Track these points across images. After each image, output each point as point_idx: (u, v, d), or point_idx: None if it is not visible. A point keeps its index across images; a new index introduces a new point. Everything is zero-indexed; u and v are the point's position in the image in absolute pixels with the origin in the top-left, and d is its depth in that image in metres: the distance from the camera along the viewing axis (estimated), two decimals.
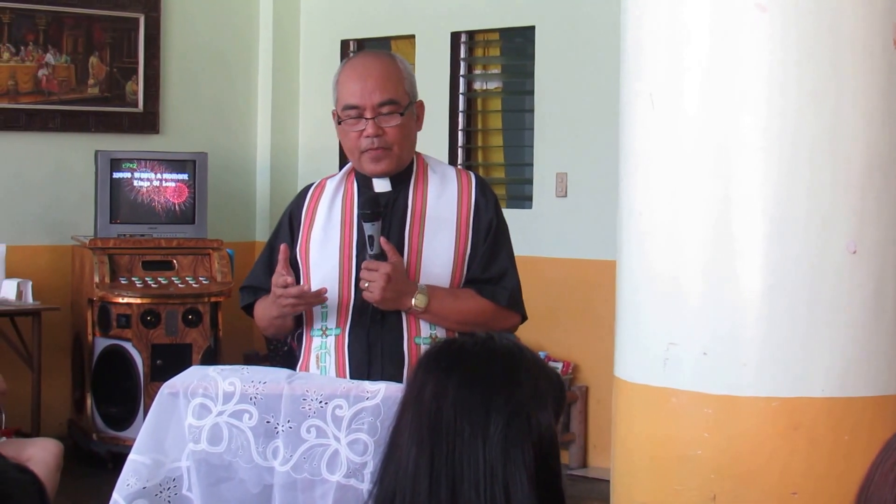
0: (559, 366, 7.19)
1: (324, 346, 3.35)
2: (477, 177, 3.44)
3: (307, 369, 3.38)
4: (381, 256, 3.25)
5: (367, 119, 3.31)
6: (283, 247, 3.33)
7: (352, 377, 3.23)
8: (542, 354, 7.18)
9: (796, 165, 3.10)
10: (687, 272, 3.19)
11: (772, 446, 3.10)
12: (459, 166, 3.61)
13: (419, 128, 3.44)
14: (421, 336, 3.30)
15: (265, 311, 3.44)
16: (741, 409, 3.12)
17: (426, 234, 3.34)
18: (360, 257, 3.32)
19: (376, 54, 3.48)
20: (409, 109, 3.34)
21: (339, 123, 3.37)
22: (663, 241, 3.24)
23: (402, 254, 3.30)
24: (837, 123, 3.11)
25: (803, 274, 3.10)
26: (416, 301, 3.25)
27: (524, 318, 3.44)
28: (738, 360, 3.12)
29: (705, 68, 3.17)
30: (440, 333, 3.29)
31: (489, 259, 3.35)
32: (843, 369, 3.11)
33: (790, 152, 3.10)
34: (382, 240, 3.25)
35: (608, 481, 3.52)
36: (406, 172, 3.39)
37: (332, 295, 3.33)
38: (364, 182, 3.41)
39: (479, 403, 2.03)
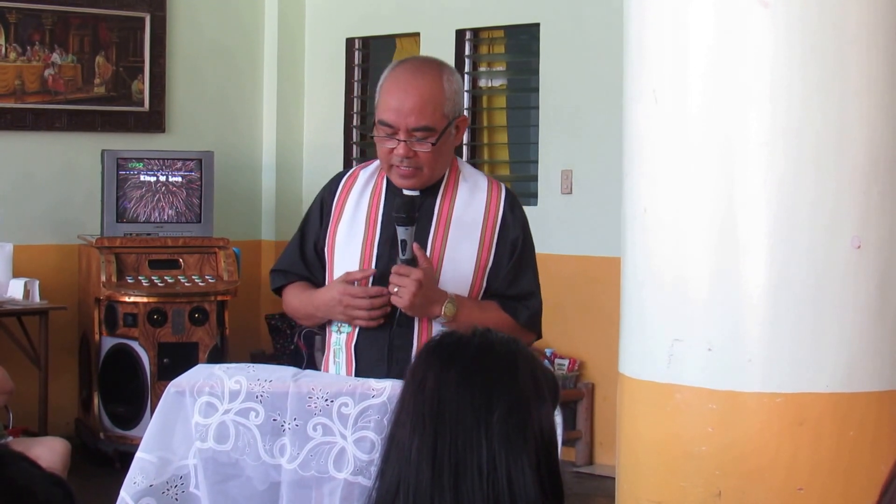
0: (565, 363, 7.19)
1: (338, 343, 3.37)
2: (508, 191, 3.41)
3: (327, 364, 3.41)
4: (413, 262, 3.23)
5: (399, 140, 3.26)
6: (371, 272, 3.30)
7: (358, 377, 3.24)
8: (548, 352, 7.19)
9: (801, 161, 3.11)
10: (691, 268, 3.20)
11: (777, 442, 3.10)
12: (492, 176, 3.55)
13: (458, 140, 3.39)
14: None
15: (302, 300, 3.44)
16: (746, 405, 3.12)
17: (449, 242, 3.33)
18: (381, 259, 3.32)
19: (423, 69, 3.33)
20: (444, 133, 3.28)
21: (373, 132, 3.33)
22: (668, 237, 3.25)
23: None
24: (842, 119, 3.11)
25: (808, 269, 3.10)
26: (446, 310, 3.24)
27: (539, 336, 3.45)
28: (742, 355, 3.12)
29: (709, 64, 3.17)
30: None
31: (515, 276, 3.35)
32: (848, 364, 3.11)
33: (794, 148, 3.11)
34: (415, 246, 3.23)
35: (615, 478, 3.52)
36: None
37: None
38: (393, 183, 3.40)
39: (481, 392, 2.04)
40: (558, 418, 2.39)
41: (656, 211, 3.27)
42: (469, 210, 3.35)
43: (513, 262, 3.35)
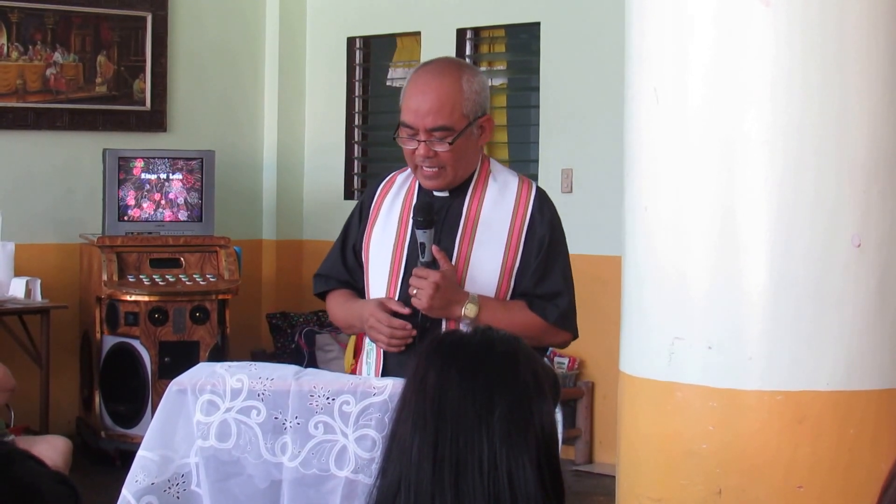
0: (565, 361, 7.19)
1: (370, 345, 3.43)
2: (538, 190, 3.43)
3: (360, 363, 3.46)
4: (433, 264, 3.26)
5: (419, 141, 3.30)
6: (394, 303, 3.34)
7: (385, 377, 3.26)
8: (547, 350, 7.19)
9: (801, 160, 3.11)
10: (692, 267, 3.20)
11: (777, 440, 3.11)
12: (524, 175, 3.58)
13: (485, 140, 3.41)
14: None
15: (345, 310, 3.49)
16: (746, 404, 3.13)
17: (476, 243, 3.35)
18: (410, 260, 3.34)
19: (443, 70, 3.39)
20: (464, 133, 3.31)
21: (395, 133, 3.37)
22: (669, 236, 3.25)
23: (450, 260, 3.31)
24: (842, 118, 3.11)
25: (808, 268, 3.11)
26: (467, 310, 3.26)
27: (575, 335, 3.46)
28: (743, 353, 3.13)
29: (709, 63, 3.18)
30: None
31: (542, 275, 3.36)
32: (848, 363, 3.12)
33: (795, 147, 3.11)
34: (435, 248, 3.27)
35: (614, 477, 3.53)
36: (466, 179, 3.40)
37: (381, 294, 3.38)
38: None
39: (482, 389, 2.05)
40: (558, 416, 2.40)
41: (657, 210, 3.28)
42: (497, 211, 3.37)
43: (539, 262, 3.36)
